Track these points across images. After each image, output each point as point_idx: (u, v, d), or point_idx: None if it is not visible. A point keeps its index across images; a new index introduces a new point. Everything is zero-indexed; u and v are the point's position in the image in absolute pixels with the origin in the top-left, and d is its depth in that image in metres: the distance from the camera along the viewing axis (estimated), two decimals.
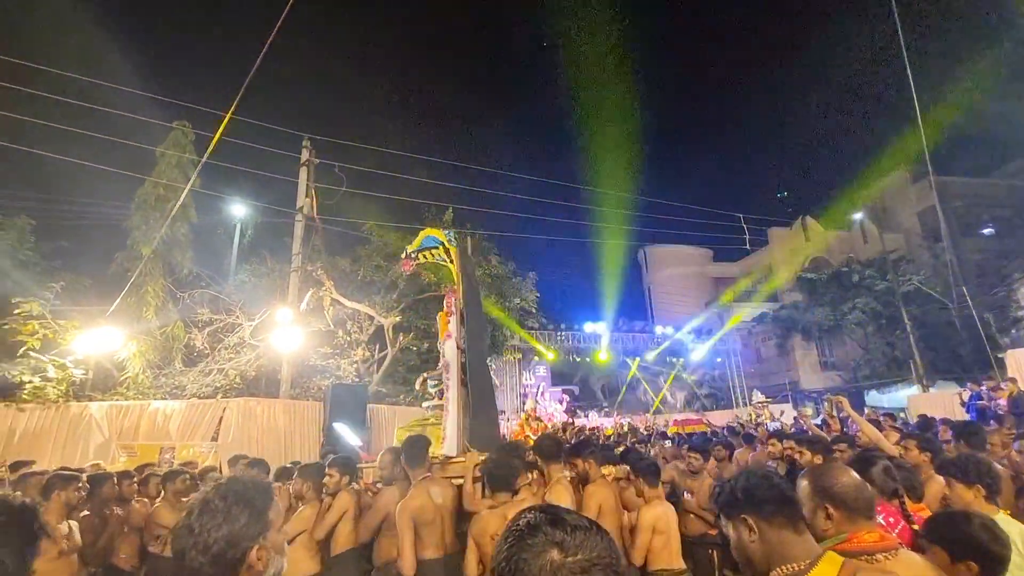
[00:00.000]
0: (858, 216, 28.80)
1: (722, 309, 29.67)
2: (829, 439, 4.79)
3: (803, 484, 1.71)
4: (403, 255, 5.47)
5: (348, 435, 8.42)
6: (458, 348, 4.51)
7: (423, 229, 5.94)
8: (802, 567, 1.32)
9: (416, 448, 3.42)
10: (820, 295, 24.72)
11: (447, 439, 4.57)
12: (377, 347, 12.78)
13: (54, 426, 7.86)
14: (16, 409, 7.72)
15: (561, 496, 3.15)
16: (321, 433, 9.09)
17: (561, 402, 20.92)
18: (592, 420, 21.86)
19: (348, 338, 12.30)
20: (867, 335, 23.62)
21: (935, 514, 2.16)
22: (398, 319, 12.16)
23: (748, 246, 24.32)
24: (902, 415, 13.71)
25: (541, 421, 13.67)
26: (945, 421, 7.18)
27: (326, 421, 8.96)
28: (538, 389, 21.54)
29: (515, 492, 3.00)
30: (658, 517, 3.29)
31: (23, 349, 8.35)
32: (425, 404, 4.89)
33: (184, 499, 4.50)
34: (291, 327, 9.88)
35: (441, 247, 5.40)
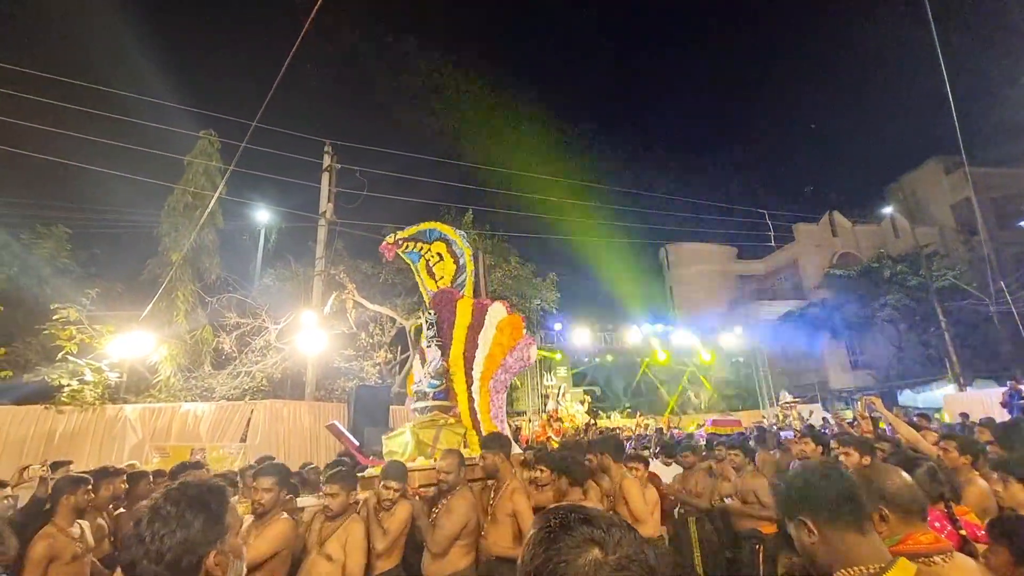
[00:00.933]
0: (888, 210, 27.98)
1: (747, 307, 29.14)
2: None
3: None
4: (389, 238, 5.51)
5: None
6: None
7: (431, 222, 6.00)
8: (871, 571, 1.25)
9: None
10: (849, 292, 24.09)
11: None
12: (399, 349, 12.89)
13: (91, 428, 8.13)
14: (56, 411, 8.00)
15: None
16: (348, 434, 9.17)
17: (583, 403, 20.80)
18: (615, 421, 21.70)
19: (371, 340, 12.43)
20: (899, 332, 22.94)
21: (1002, 515, 2.11)
22: (420, 321, 12.17)
23: (773, 243, 23.93)
24: (937, 415, 13.27)
25: (563, 422, 13.63)
26: (986, 421, 6.93)
27: (352, 422, 9.04)
28: (559, 390, 21.48)
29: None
30: None
31: (61, 353, 8.67)
32: (416, 405, 4.82)
33: None
34: (315, 330, 10.04)
35: (435, 243, 5.39)
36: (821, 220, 29.35)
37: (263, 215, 16.03)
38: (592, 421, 18.48)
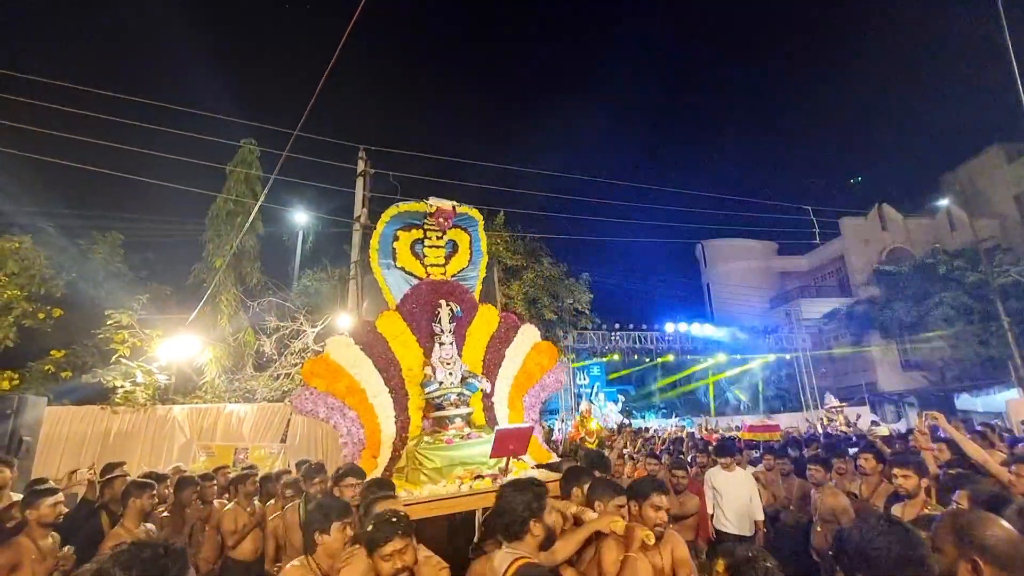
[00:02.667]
0: (944, 201, 26.48)
1: (789, 305, 28.16)
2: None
3: (943, 530, 1.49)
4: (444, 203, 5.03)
5: None
6: None
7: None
8: None
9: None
10: (901, 289, 22.95)
11: None
12: None
13: (143, 428, 8.55)
14: (111, 412, 8.47)
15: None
16: None
17: (616, 402, 20.56)
18: (649, 422, 21.37)
19: None
20: (956, 332, 21.69)
21: None
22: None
23: (817, 239, 23.01)
24: (998, 422, 12.48)
25: (596, 422, 13.49)
26: None
27: None
28: (593, 389, 21.31)
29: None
30: None
31: (115, 356, 9.16)
32: (449, 413, 4.34)
33: (255, 500, 4.78)
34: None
35: (458, 231, 5.34)
36: (870, 213, 28.06)
37: (301, 219, 16.44)
38: (626, 421, 18.26)
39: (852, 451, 6.21)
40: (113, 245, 11.87)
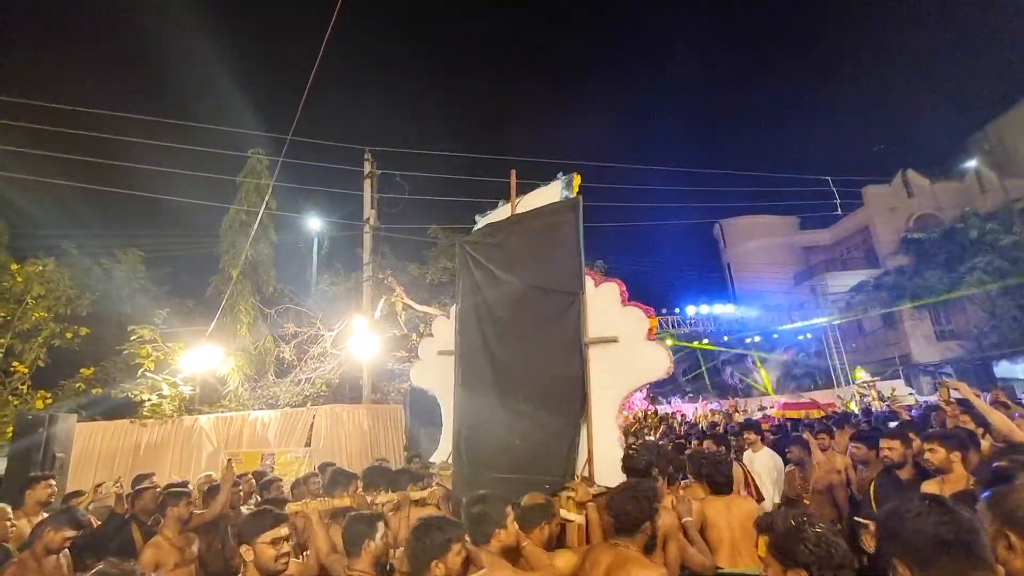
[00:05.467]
0: (972, 163, 25.49)
1: (814, 280, 27.51)
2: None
3: (981, 509, 1.44)
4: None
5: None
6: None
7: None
8: None
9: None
10: (931, 257, 22.20)
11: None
12: None
13: (171, 439, 8.75)
14: (140, 425, 8.69)
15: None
16: (405, 435, 9.33)
17: (640, 389, 20.37)
18: (675, 406, 21.14)
19: (422, 341, 12.48)
20: (992, 298, 20.90)
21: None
22: None
23: (840, 210, 22.35)
24: None
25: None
26: None
27: (408, 423, 9.21)
28: None
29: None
30: None
31: (141, 370, 9.39)
32: None
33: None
34: (368, 334, 10.29)
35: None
36: (894, 180, 27.13)
37: (314, 225, 16.60)
38: (651, 407, 18.07)
39: (892, 425, 6.01)
40: (134, 262, 12.15)
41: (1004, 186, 20.83)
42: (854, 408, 14.09)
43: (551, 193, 3.98)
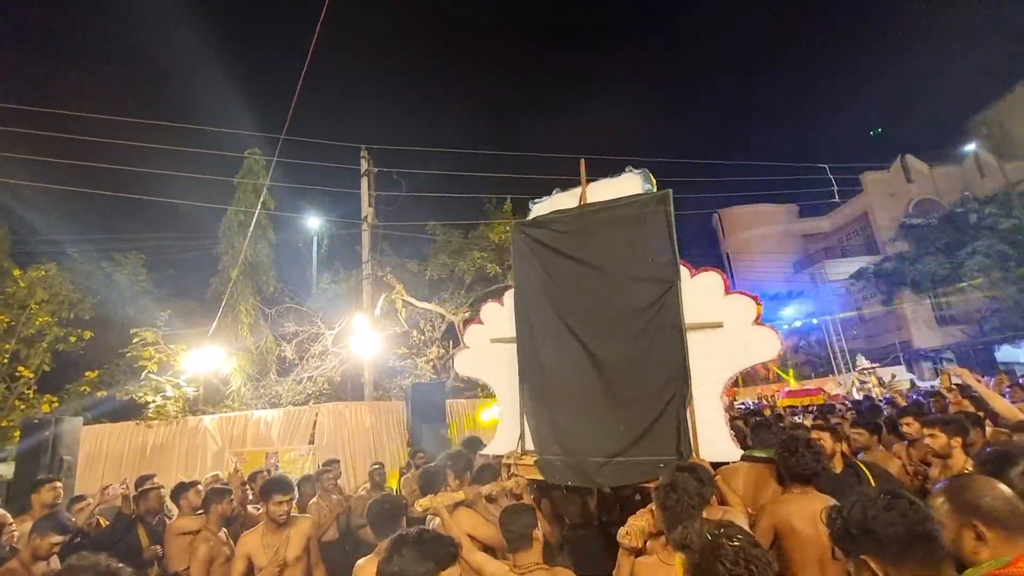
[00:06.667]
0: (971, 147, 25.36)
1: (814, 268, 27.48)
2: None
3: (938, 502, 1.45)
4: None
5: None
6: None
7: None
8: None
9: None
10: (930, 242, 22.18)
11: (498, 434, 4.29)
12: (451, 343, 13.06)
13: (176, 439, 8.82)
14: (145, 426, 8.77)
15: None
16: (407, 431, 9.42)
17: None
18: None
19: (422, 337, 12.62)
20: (992, 282, 20.86)
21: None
22: (467, 315, 12.36)
23: (837, 197, 22.29)
24: None
25: None
26: None
27: (410, 419, 9.30)
28: None
29: None
30: None
31: (144, 372, 9.47)
32: None
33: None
34: (368, 332, 10.34)
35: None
36: (892, 166, 27.05)
37: (313, 224, 16.64)
38: None
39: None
40: (135, 265, 12.22)
41: (1004, 169, 20.73)
42: (855, 395, 14.13)
43: (626, 186, 4.02)
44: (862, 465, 3.41)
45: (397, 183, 11.87)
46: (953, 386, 5.21)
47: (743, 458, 3.27)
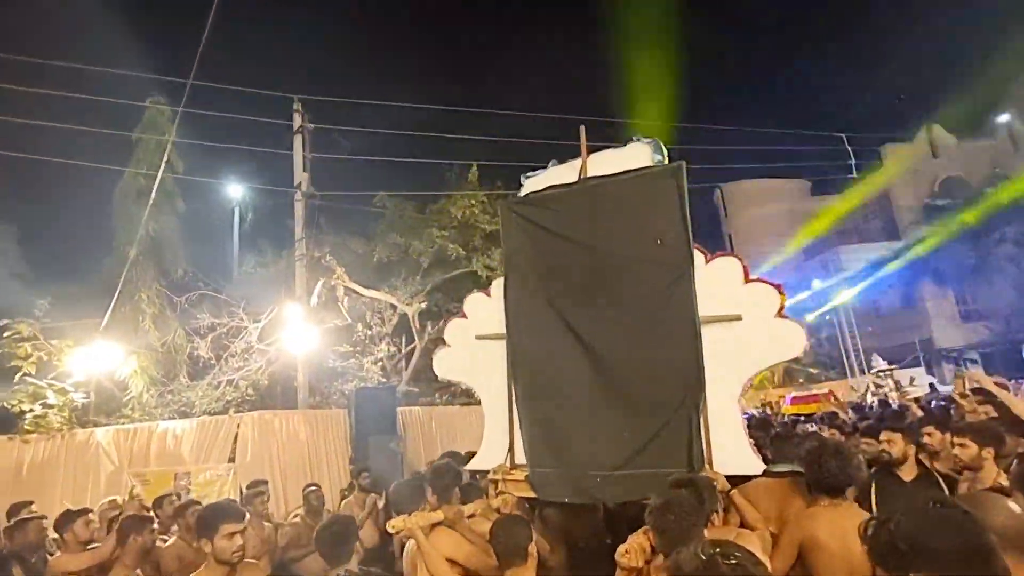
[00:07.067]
0: (1004, 118, 26.52)
1: (826, 254, 28.37)
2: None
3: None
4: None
5: None
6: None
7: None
8: None
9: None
10: (957, 226, 23.15)
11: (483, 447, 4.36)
12: (403, 340, 13.09)
13: (61, 457, 8.46)
14: (21, 441, 8.38)
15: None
16: (350, 445, 9.39)
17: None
18: None
19: (369, 332, 12.55)
20: (1023, 272, 22.01)
21: None
22: (424, 305, 12.32)
23: (855, 172, 23.05)
24: None
25: None
26: None
27: (353, 431, 9.28)
28: None
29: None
30: None
31: (19, 375, 9.05)
32: None
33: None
34: (303, 326, 10.22)
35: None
36: (916, 138, 28.08)
37: (234, 192, 16.21)
38: None
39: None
40: (6, 241, 11.68)
41: None
42: (870, 400, 14.72)
43: (633, 157, 4.03)
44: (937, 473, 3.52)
45: (339, 143, 11.93)
46: (967, 392, 5.46)
47: (765, 473, 3.34)
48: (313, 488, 6.05)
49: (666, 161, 3.97)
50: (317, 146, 11.69)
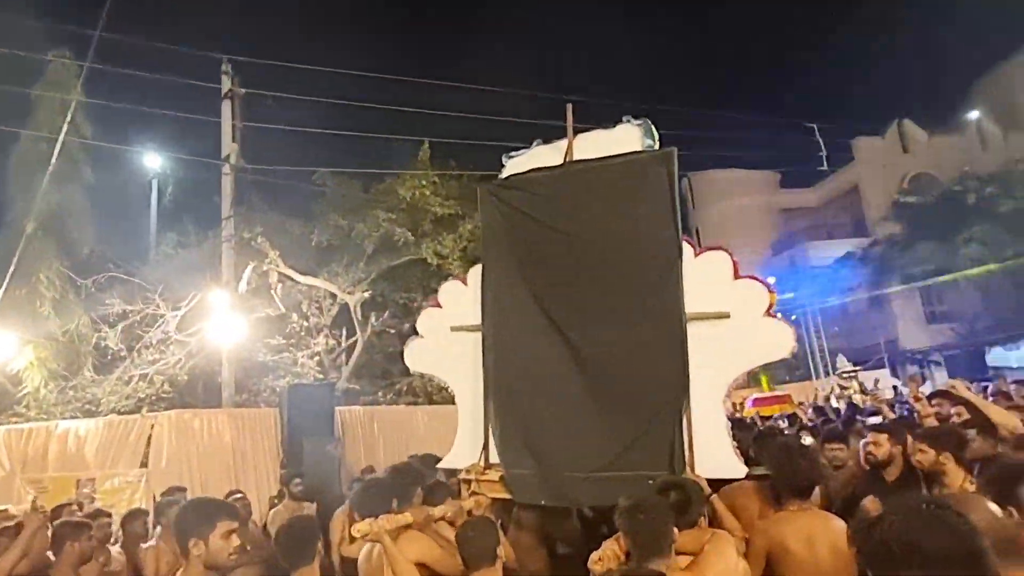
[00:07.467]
0: (973, 115, 27.88)
1: (794, 250, 29.36)
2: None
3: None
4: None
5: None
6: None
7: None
8: None
9: None
10: (925, 225, 24.33)
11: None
12: (344, 332, 13.01)
13: None
14: None
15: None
16: (280, 449, 9.32)
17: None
18: None
19: (305, 324, 12.51)
20: (989, 274, 23.29)
21: None
22: (367, 294, 12.24)
23: (826, 164, 23.84)
24: None
25: None
26: None
27: (286, 432, 9.22)
28: None
29: None
30: None
31: None
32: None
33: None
34: (230, 314, 10.10)
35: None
36: (888, 132, 29.28)
37: (152, 163, 15.79)
38: None
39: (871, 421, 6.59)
40: None
41: (1007, 141, 22.98)
42: (834, 403, 15.34)
43: (622, 140, 4.11)
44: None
45: (275, 111, 11.70)
46: (921, 396, 5.77)
47: (748, 477, 3.49)
48: (238, 496, 6.05)
49: (656, 146, 4.06)
50: (250, 114, 11.57)
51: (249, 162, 11.33)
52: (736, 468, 3.47)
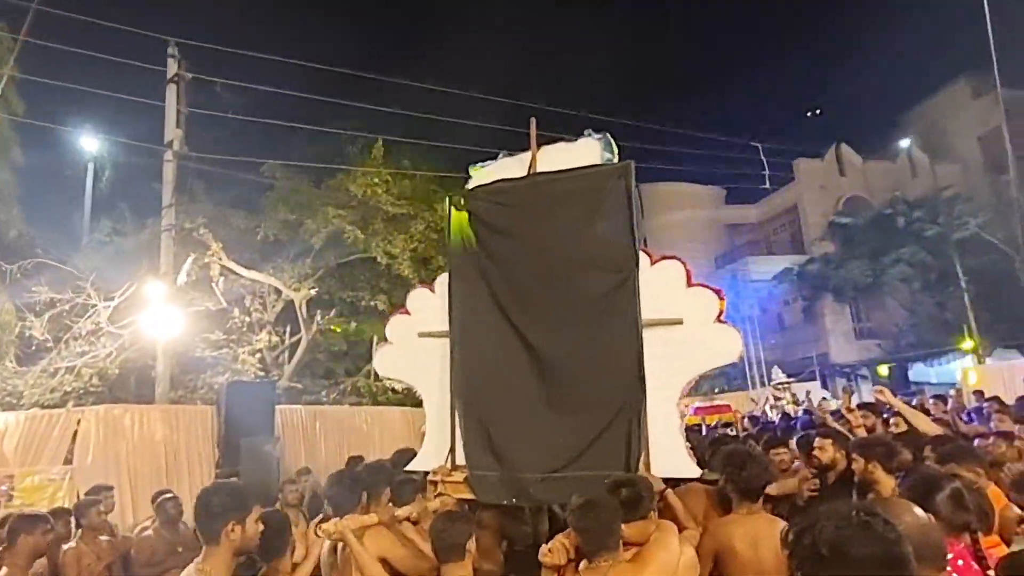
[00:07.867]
0: (905, 143, 29.52)
1: (736, 264, 30.37)
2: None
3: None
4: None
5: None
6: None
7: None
8: None
9: None
10: (857, 244, 25.56)
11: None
12: (288, 330, 12.85)
13: None
14: None
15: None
16: (216, 448, 9.19)
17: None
18: None
19: (247, 319, 12.37)
20: (913, 293, 24.63)
21: (1013, 553, 2.19)
22: (313, 291, 12.17)
23: (768, 183, 24.77)
24: (952, 392, 14.45)
25: None
26: (1000, 403, 7.45)
27: (222, 431, 9.11)
28: None
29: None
30: None
31: None
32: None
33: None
34: (167, 307, 9.87)
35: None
36: (827, 155, 30.72)
37: (89, 145, 15.33)
38: None
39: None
40: None
41: (934, 170, 24.44)
42: (769, 413, 15.92)
43: (583, 153, 4.32)
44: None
45: (222, 99, 11.51)
46: (853, 408, 6.11)
47: (701, 479, 3.70)
48: (169, 496, 5.88)
49: (616, 159, 4.30)
50: (196, 100, 11.25)
51: (193, 150, 11.06)
52: (690, 468, 3.64)
